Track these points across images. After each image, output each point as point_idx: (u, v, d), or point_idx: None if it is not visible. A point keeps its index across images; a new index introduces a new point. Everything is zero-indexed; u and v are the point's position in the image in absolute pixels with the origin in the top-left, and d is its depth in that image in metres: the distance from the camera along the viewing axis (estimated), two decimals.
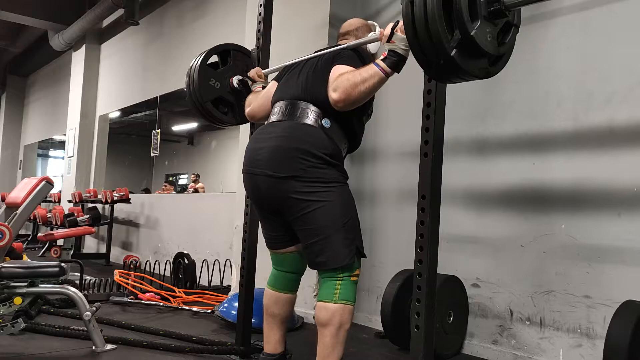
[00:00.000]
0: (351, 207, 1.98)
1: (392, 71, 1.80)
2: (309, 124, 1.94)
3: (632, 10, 2.45)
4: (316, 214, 1.88)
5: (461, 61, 1.43)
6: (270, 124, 2.05)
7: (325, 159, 1.91)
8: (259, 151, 1.97)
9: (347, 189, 1.99)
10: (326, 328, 1.89)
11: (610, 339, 2.03)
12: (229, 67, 2.66)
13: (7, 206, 3.55)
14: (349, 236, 1.91)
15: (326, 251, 1.89)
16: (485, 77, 1.61)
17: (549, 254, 2.62)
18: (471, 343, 2.89)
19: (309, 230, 1.91)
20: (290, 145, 1.91)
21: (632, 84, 2.42)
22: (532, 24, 2.78)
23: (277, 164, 1.90)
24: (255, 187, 2.00)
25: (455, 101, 2.43)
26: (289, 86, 2.08)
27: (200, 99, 2.54)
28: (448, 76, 1.56)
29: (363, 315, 3.55)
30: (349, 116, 1.98)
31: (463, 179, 3.01)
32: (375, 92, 1.86)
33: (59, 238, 6.84)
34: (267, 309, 2.16)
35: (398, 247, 3.36)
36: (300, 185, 1.87)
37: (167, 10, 6.80)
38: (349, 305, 1.90)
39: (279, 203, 1.94)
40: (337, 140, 1.98)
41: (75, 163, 8.36)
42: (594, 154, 2.52)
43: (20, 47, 10.88)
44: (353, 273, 1.93)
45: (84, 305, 2.57)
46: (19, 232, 4.10)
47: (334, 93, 1.85)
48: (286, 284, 2.16)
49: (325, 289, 1.92)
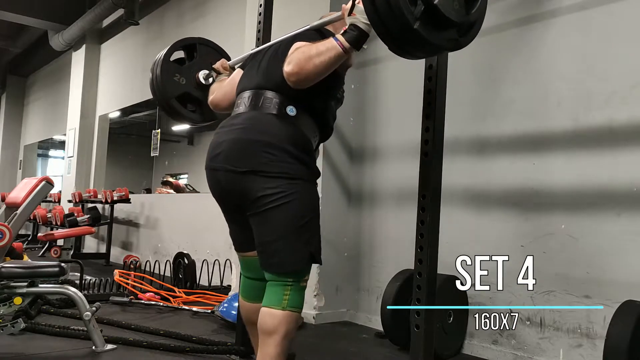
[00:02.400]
0: (314, 207, 1.84)
1: (351, 47, 1.65)
2: (273, 114, 1.79)
3: (632, 10, 2.45)
4: (275, 211, 1.74)
5: (426, 33, 1.32)
6: (233, 116, 1.90)
7: (291, 152, 1.76)
8: (219, 145, 1.83)
9: (313, 187, 1.85)
10: (271, 337, 1.72)
11: (610, 339, 2.03)
12: (195, 62, 2.52)
13: (7, 206, 3.56)
14: (306, 239, 1.78)
15: (282, 252, 1.75)
16: (455, 49, 1.50)
17: (549, 254, 2.62)
18: (471, 343, 2.89)
19: (265, 228, 1.77)
20: (250, 137, 1.77)
21: (632, 84, 2.42)
22: (532, 24, 2.78)
23: (237, 158, 1.76)
24: (216, 183, 1.86)
25: (455, 101, 2.43)
26: (251, 75, 1.93)
27: (164, 96, 2.43)
28: (413, 50, 1.45)
29: (363, 315, 3.55)
30: (316, 101, 1.85)
31: (463, 179, 3.01)
32: (332, 68, 1.69)
33: (59, 238, 6.83)
34: (246, 319, 2.03)
35: (398, 247, 3.36)
36: (261, 180, 1.73)
37: (167, 10, 6.79)
38: (296, 313, 1.76)
39: (239, 199, 1.80)
40: (305, 129, 1.83)
41: (75, 163, 8.35)
42: (594, 154, 2.52)
43: (20, 47, 10.87)
44: (303, 278, 1.79)
45: (84, 305, 2.57)
46: (19, 232, 4.10)
47: (287, 66, 1.70)
48: (257, 293, 1.94)
49: (273, 294, 1.76)
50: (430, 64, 1.90)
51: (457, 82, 2.57)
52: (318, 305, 3.51)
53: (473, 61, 3.06)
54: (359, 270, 3.64)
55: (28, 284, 2.59)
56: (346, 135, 3.74)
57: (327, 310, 3.55)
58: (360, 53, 3.79)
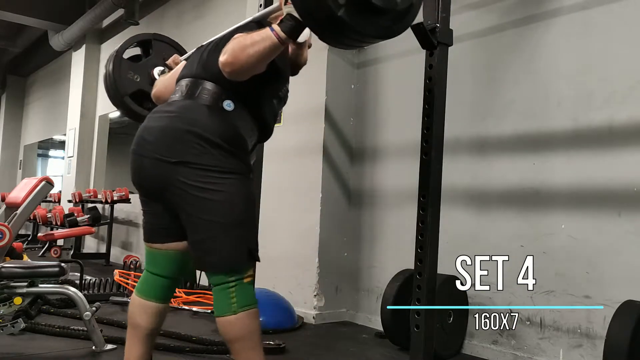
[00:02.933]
0: (249, 202, 1.74)
1: (287, 37, 1.56)
2: (208, 106, 1.71)
3: (632, 10, 2.45)
4: (208, 206, 1.64)
5: (353, 20, 1.27)
6: (168, 103, 1.82)
7: (223, 146, 1.67)
8: (149, 131, 1.74)
9: (247, 182, 1.75)
10: (237, 343, 1.66)
11: (610, 339, 2.03)
12: (150, 58, 2.46)
13: (7, 206, 3.55)
14: (243, 234, 1.69)
15: (217, 249, 1.66)
16: (389, 37, 1.43)
17: (549, 254, 2.62)
18: (471, 343, 2.89)
19: (199, 224, 1.66)
20: (182, 126, 1.68)
21: (632, 84, 2.42)
22: (532, 24, 2.78)
23: (167, 147, 1.67)
24: (140, 168, 1.76)
25: (455, 101, 2.43)
26: (192, 65, 1.85)
27: (116, 93, 2.35)
28: (342, 39, 1.39)
29: (363, 315, 3.55)
30: (255, 98, 1.77)
31: (463, 179, 3.01)
32: (267, 58, 1.61)
33: (59, 238, 6.83)
34: (130, 318, 1.85)
35: (398, 247, 3.36)
36: (191, 172, 1.64)
37: (167, 10, 6.79)
38: (251, 309, 1.67)
39: (165, 189, 1.70)
40: (242, 126, 1.75)
41: (75, 163, 8.35)
42: (594, 154, 2.52)
43: (20, 47, 10.87)
44: (245, 275, 1.69)
45: (84, 305, 2.57)
46: (19, 232, 4.10)
47: (222, 56, 1.63)
48: (156, 290, 1.83)
49: (220, 300, 1.67)
50: (430, 64, 1.90)
51: (457, 82, 2.57)
52: (318, 305, 3.51)
53: (473, 61, 3.06)
54: (359, 270, 3.64)
55: (28, 284, 2.59)
56: (346, 135, 3.75)
57: (327, 310, 3.55)
58: (360, 53, 3.80)
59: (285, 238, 3.77)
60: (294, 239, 3.72)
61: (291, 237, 3.74)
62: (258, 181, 2.73)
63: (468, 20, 3.07)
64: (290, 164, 3.80)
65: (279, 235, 3.76)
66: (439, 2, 1.85)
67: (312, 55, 2.69)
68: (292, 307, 3.42)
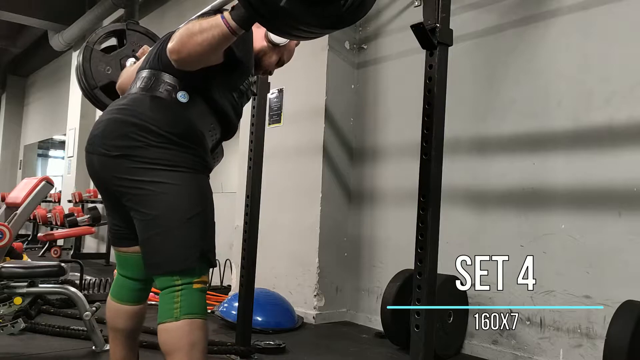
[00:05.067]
0: (202, 200, 1.60)
1: (238, 26, 1.42)
2: (161, 97, 1.60)
3: (632, 11, 2.45)
4: (151, 200, 1.52)
5: (297, 10, 1.20)
6: (124, 95, 1.72)
7: (170, 139, 1.55)
8: (97, 125, 1.66)
9: (202, 178, 1.63)
10: (174, 355, 1.47)
11: (610, 339, 2.03)
12: (124, 49, 2.39)
13: (7, 206, 3.55)
14: (194, 234, 1.55)
15: (163, 250, 1.52)
16: (339, 27, 1.37)
17: (549, 254, 2.62)
18: (471, 343, 2.89)
19: (146, 221, 1.53)
20: (126, 118, 1.57)
21: (632, 84, 2.42)
22: (532, 24, 2.78)
23: (110, 140, 1.57)
24: (90, 166, 1.67)
25: (456, 101, 2.43)
26: (150, 55, 1.76)
27: (87, 86, 2.28)
28: (290, 30, 1.32)
29: (363, 315, 3.55)
30: (212, 90, 1.66)
31: (463, 179, 3.01)
32: (217, 47, 1.48)
33: (59, 238, 6.83)
34: (108, 322, 1.80)
35: (398, 247, 3.36)
36: (133, 165, 1.53)
37: (167, 10, 6.79)
38: (197, 319, 1.49)
39: (112, 186, 1.59)
40: (197, 119, 1.63)
41: (75, 163, 8.35)
42: (594, 154, 2.52)
43: (20, 47, 10.87)
44: (196, 279, 1.53)
45: (84, 305, 2.57)
46: (19, 232, 4.09)
47: (170, 43, 1.52)
48: (129, 294, 1.78)
49: (163, 305, 1.52)
50: (430, 63, 1.89)
51: (457, 82, 2.57)
52: (318, 305, 3.52)
53: (473, 61, 3.06)
54: (359, 270, 3.64)
55: (28, 284, 2.59)
56: (346, 135, 3.75)
57: (327, 310, 3.55)
58: (360, 53, 3.80)
59: (285, 238, 3.77)
60: (294, 239, 3.72)
61: (291, 237, 3.74)
62: (258, 181, 2.72)
63: (468, 20, 3.07)
64: (290, 164, 3.81)
65: (279, 235, 3.76)
66: (439, 2, 1.85)
67: (312, 56, 2.72)
68: (292, 307, 3.42)
